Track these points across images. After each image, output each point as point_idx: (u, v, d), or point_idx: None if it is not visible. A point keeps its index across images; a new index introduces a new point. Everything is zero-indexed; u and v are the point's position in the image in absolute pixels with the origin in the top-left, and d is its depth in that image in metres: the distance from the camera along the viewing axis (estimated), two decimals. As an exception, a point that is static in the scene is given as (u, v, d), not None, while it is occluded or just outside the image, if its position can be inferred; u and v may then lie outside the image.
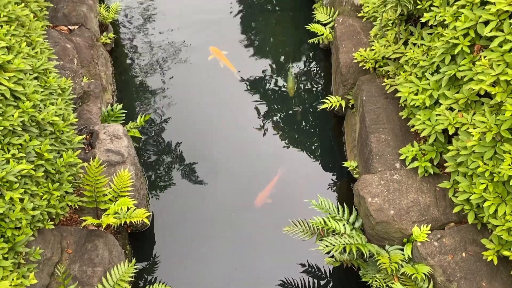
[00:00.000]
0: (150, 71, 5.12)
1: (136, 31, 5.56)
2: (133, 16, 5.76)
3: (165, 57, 5.26)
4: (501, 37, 2.48)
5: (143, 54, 5.29)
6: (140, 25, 5.64)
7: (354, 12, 4.59)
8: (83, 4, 4.74)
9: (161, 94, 4.90)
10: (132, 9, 5.84)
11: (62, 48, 4.09)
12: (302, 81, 5.08)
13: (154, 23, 5.68)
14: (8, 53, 2.81)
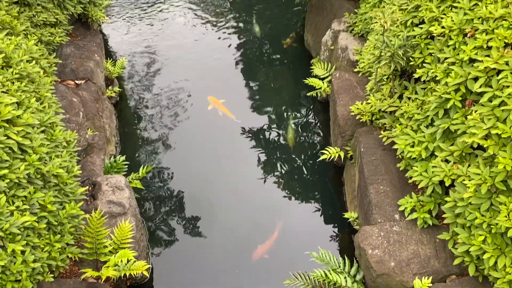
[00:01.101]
0: (152, 123, 5.24)
1: (140, 85, 5.75)
2: (137, 70, 5.97)
3: (167, 108, 5.41)
4: (490, 93, 2.59)
5: (146, 106, 5.44)
6: (144, 79, 5.84)
7: (350, 67, 4.78)
8: (90, 60, 4.95)
9: (162, 145, 4.99)
10: (136, 64, 6.07)
11: (68, 102, 4.23)
12: (302, 132, 5.20)
13: (157, 76, 5.89)
14: (18, 108, 2.93)
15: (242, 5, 7.33)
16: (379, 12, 3.50)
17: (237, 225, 4.19)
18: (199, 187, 4.55)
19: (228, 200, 4.43)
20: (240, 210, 4.34)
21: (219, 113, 5.26)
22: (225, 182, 4.60)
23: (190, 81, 5.80)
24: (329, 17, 5.59)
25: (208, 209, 4.33)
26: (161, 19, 6.97)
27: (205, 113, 5.33)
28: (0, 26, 3.40)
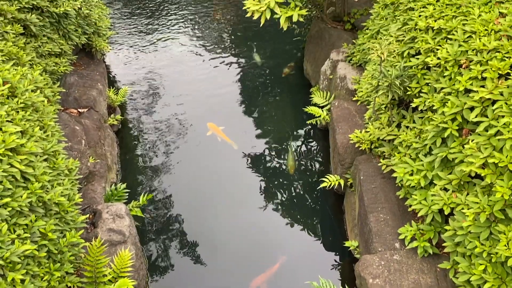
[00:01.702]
0: (153, 150, 5.29)
1: (141, 112, 5.83)
2: (139, 98, 6.06)
3: (168, 135, 5.47)
4: (486, 122, 2.64)
5: (148, 133, 5.50)
6: (145, 106, 5.92)
7: (349, 96, 4.85)
8: (93, 89, 5.04)
9: (163, 172, 5.02)
10: (138, 92, 6.16)
11: (71, 130, 4.29)
12: (302, 159, 5.23)
13: (158, 103, 5.97)
14: (22, 136, 2.97)
15: (243, 35, 7.49)
16: (376, 43, 3.59)
17: (237, 253, 4.18)
18: (199, 214, 4.56)
19: (228, 227, 4.42)
20: (240, 237, 4.33)
21: (218, 139, 5.33)
22: (225, 209, 4.60)
23: (191, 108, 5.88)
24: (327, 47, 5.71)
25: (208, 236, 4.33)
26: (163, 48, 7.12)
27: (205, 139, 5.38)
28: (7, 57, 3.48)
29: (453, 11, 3.20)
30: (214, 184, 4.87)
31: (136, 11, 8.20)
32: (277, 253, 4.14)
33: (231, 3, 8.50)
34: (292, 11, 5.00)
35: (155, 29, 7.64)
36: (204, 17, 8.06)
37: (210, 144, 5.34)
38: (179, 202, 4.70)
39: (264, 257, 4.11)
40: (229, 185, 4.89)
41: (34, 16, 4.10)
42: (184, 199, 4.73)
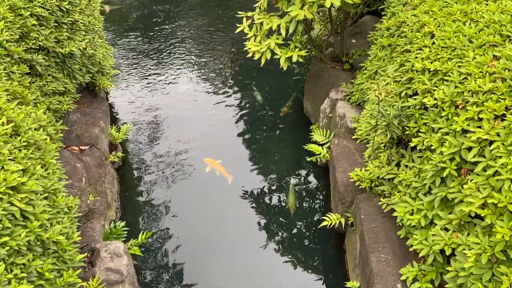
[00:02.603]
0: (153, 187, 5.29)
1: (142, 149, 5.87)
2: (140, 134, 6.12)
3: (168, 172, 5.48)
4: (484, 163, 2.66)
5: (148, 170, 5.52)
6: (146, 143, 5.97)
7: (349, 134, 4.90)
8: (95, 126, 5.10)
9: (163, 210, 5.00)
10: (140, 129, 6.23)
11: (72, 168, 4.31)
12: (302, 197, 5.22)
13: (159, 140, 6.02)
14: (23, 175, 2.99)
15: (244, 74, 7.64)
16: (374, 83, 3.66)
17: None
18: (198, 253, 4.51)
19: (228, 267, 4.36)
20: (240, 278, 4.26)
21: (216, 173, 5.36)
22: (225, 248, 4.55)
23: (192, 145, 5.93)
24: (327, 86, 5.81)
25: (207, 277, 4.26)
26: (166, 86, 7.24)
27: (205, 176, 5.40)
28: (12, 96, 3.55)
29: (448, 54, 3.28)
30: (214, 222, 4.84)
31: (141, 49, 8.41)
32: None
33: (233, 44, 8.73)
34: (292, 52, 5.13)
35: (159, 67, 7.80)
36: (207, 56, 8.25)
37: (210, 180, 5.34)
38: (178, 241, 4.66)
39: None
40: (229, 223, 4.86)
41: (40, 56, 4.21)
42: (183, 237, 4.69)
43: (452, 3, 3.67)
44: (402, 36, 4.04)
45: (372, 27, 5.64)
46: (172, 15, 10.24)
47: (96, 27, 5.57)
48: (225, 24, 9.68)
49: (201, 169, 5.48)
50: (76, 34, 4.82)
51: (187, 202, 5.10)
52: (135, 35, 9.14)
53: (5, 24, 3.79)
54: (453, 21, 3.49)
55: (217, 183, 5.31)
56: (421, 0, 4.02)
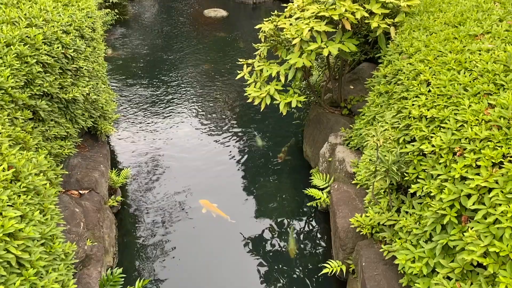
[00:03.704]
0: (152, 233, 5.23)
1: (141, 193, 5.85)
2: (140, 178, 6.12)
3: (167, 216, 5.44)
4: (484, 210, 2.65)
5: (147, 215, 5.47)
6: (146, 187, 5.95)
7: (348, 179, 4.90)
8: (95, 171, 5.11)
9: (161, 256, 4.92)
10: (140, 173, 6.23)
11: (71, 212, 4.28)
12: (303, 243, 5.15)
13: (159, 184, 6.01)
14: (21, 221, 2.97)
15: (244, 118, 7.74)
16: (372, 129, 3.70)
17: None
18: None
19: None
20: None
21: (213, 215, 5.33)
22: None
23: (191, 188, 5.92)
24: (326, 131, 5.88)
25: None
26: (166, 129, 7.32)
27: (204, 220, 5.36)
28: (14, 142, 3.59)
29: (444, 101, 3.34)
30: (213, 268, 4.75)
31: (142, 94, 8.56)
32: None
33: (234, 89, 8.90)
34: (291, 98, 5.23)
35: (160, 111, 7.92)
36: (208, 101, 8.39)
37: (208, 224, 5.30)
38: (176, 287, 4.56)
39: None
40: (228, 269, 4.77)
41: (44, 102, 4.28)
42: (181, 283, 4.59)
43: (446, 52, 3.78)
44: (398, 83, 4.14)
45: (369, 74, 5.78)
46: (174, 61, 10.50)
47: (100, 73, 5.69)
48: (226, 70, 9.93)
49: (200, 213, 5.45)
50: (80, 80, 4.93)
51: (186, 247, 5.03)
52: (137, 79, 9.34)
53: (11, 71, 3.88)
54: (448, 70, 3.58)
55: (216, 227, 5.26)
56: (417, 49, 4.14)
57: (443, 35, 4.05)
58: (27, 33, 4.22)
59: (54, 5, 4.95)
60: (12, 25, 4.29)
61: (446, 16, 4.43)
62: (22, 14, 4.46)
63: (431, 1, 4.99)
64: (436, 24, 4.37)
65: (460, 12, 4.36)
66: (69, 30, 4.79)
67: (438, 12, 4.66)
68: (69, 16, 4.93)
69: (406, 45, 4.32)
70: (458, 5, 4.58)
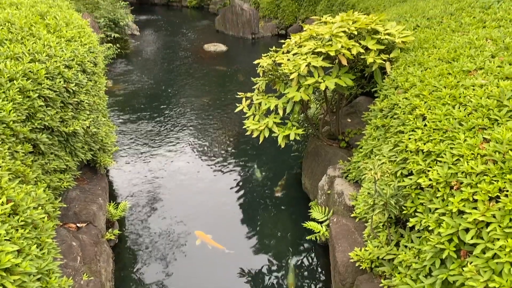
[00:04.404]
0: (149, 267, 5.16)
1: (139, 226, 5.81)
2: (138, 211, 6.09)
3: (165, 250, 5.38)
4: (482, 245, 2.64)
5: (144, 248, 5.42)
6: (143, 220, 5.92)
7: (347, 212, 4.89)
8: (94, 203, 5.10)
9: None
10: (138, 205, 6.21)
11: (68, 246, 4.25)
12: (302, 277, 5.08)
13: (157, 216, 5.98)
14: (18, 255, 2.95)
15: (243, 151, 7.78)
16: (369, 163, 3.73)
17: None
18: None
19: None
20: None
21: (208, 247, 5.28)
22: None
23: (189, 220, 5.89)
24: (324, 163, 5.91)
25: None
26: (165, 162, 7.34)
27: (202, 253, 5.30)
28: (14, 175, 3.60)
29: (440, 136, 3.39)
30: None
31: (142, 126, 8.63)
32: None
33: (233, 122, 8.98)
34: (289, 130, 5.28)
35: (159, 144, 7.96)
36: (207, 133, 8.46)
37: (206, 258, 5.24)
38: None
39: None
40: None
41: (45, 135, 4.32)
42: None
43: (441, 87, 3.86)
44: (395, 117, 4.20)
45: (366, 107, 5.86)
46: (174, 94, 10.64)
47: (101, 106, 5.77)
48: (225, 103, 10.05)
49: (198, 246, 5.40)
50: (81, 114, 4.99)
51: (183, 280, 4.96)
52: (137, 112, 9.44)
53: (14, 106, 3.94)
54: (443, 105, 3.64)
55: (214, 261, 5.20)
56: (412, 84, 4.22)
57: (438, 70, 4.14)
58: (30, 68, 4.31)
59: (57, 41, 5.07)
60: (16, 60, 4.38)
61: (440, 52, 4.54)
62: (26, 49, 4.57)
63: (425, 38, 5.13)
64: (431, 60, 4.47)
65: (453, 49, 4.48)
66: (72, 65, 4.89)
67: (432, 48, 4.78)
68: (71, 51, 5.04)
69: (402, 80, 4.41)
70: (451, 42, 4.71)
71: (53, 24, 5.41)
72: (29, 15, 5.41)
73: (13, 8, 5.74)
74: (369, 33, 5.18)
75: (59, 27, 5.44)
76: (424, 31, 5.47)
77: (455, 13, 5.70)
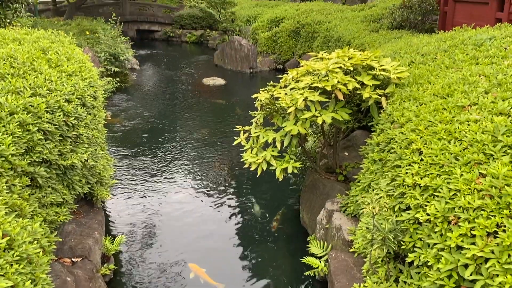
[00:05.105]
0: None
1: (135, 261, 5.72)
2: (134, 245, 6.01)
3: (160, 285, 5.28)
4: (482, 281, 2.62)
5: (140, 284, 5.32)
6: (139, 254, 5.83)
7: (346, 246, 4.85)
8: (90, 238, 5.04)
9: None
10: (133, 239, 6.14)
11: (62, 281, 4.18)
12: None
13: (153, 250, 5.89)
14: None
15: (240, 184, 7.77)
16: (367, 197, 3.73)
17: None
18: None
19: None
20: None
21: (200, 281, 5.19)
22: None
23: (185, 253, 5.81)
24: (322, 197, 5.90)
25: None
26: (161, 195, 7.31)
27: (196, 286, 5.20)
28: (10, 209, 3.59)
29: (436, 170, 3.41)
30: None
31: (139, 159, 8.64)
32: None
33: (231, 155, 9.01)
34: (287, 164, 5.31)
35: (156, 177, 7.95)
36: (205, 166, 8.47)
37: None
38: None
39: None
40: None
41: (43, 169, 4.33)
42: None
43: (436, 122, 3.91)
44: (391, 151, 4.23)
45: (362, 141, 5.91)
46: (172, 126, 10.72)
47: (99, 139, 5.80)
48: (223, 136, 10.12)
49: (192, 279, 5.31)
50: (79, 147, 5.01)
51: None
52: (135, 144, 9.47)
53: (13, 139, 3.96)
54: (438, 140, 3.68)
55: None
56: (408, 119, 4.28)
57: (433, 105, 4.21)
58: (30, 102, 4.36)
59: (58, 75, 5.16)
60: (17, 94, 4.44)
61: (434, 87, 4.63)
62: (27, 84, 4.64)
63: (420, 74, 5.23)
64: (426, 95, 4.55)
65: (447, 84, 4.56)
66: (72, 99, 4.95)
67: (427, 84, 4.87)
68: (72, 86, 5.11)
69: (397, 115, 4.48)
70: (445, 78, 4.80)
71: (55, 59, 5.51)
72: (31, 50, 5.52)
73: (16, 43, 5.86)
74: (365, 69, 5.28)
75: (60, 62, 5.54)
76: (419, 67, 5.59)
77: (448, 50, 5.84)
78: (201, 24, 27.53)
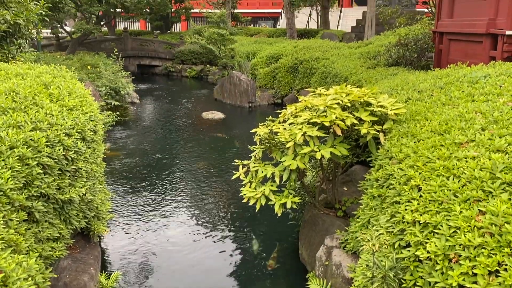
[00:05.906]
0: None
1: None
2: (130, 282, 5.89)
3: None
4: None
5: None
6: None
7: (346, 284, 4.76)
8: (85, 274, 4.96)
9: None
10: (129, 276, 6.02)
11: (55, 320, 4.08)
12: None
13: (148, 286, 5.80)
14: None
15: (239, 219, 7.71)
16: (367, 234, 3.71)
17: None
18: None
19: None
20: None
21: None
22: None
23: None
24: (321, 233, 5.84)
25: None
26: (159, 230, 7.23)
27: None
28: (6, 244, 3.54)
29: (436, 207, 3.40)
30: None
31: (137, 193, 8.60)
32: None
33: (229, 189, 8.98)
34: (286, 199, 5.29)
35: (154, 211, 7.89)
36: (202, 201, 8.42)
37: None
38: None
39: None
40: None
41: (40, 203, 4.30)
42: None
43: (434, 159, 3.93)
44: (390, 187, 4.23)
45: (361, 176, 5.91)
46: (171, 160, 10.73)
47: (98, 173, 5.80)
48: (222, 170, 10.12)
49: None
50: (78, 181, 5.00)
51: None
52: (133, 178, 9.45)
53: (12, 173, 3.96)
54: (437, 176, 3.69)
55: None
56: (406, 155, 4.31)
57: (430, 142, 4.25)
58: (31, 136, 4.38)
59: (59, 110, 5.20)
60: (17, 128, 4.47)
61: (431, 124, 4.68)
62: (29, 118, 4.68)
63: (417, 110, 5.30)
64: (423, 132, 4.60)
65: (444, 121, 4.62)
66: (72, 133, 4.98)
67: (424, 120, 4.93)
68: (72, 120, 5.15)
69: (396, 151, 4.51)
70: (442, 114, 4.87)
71: (56, 94, 5.58)
72: (33, 85, 5.59)
73: (18, 78, 5.95)
74: (362, 105, 5.36)
75: (62, 96, 5.61)
76: (416, 103, 5.67)
77: (444, 87, 5.94)
78: (201, 59, 28.03)
